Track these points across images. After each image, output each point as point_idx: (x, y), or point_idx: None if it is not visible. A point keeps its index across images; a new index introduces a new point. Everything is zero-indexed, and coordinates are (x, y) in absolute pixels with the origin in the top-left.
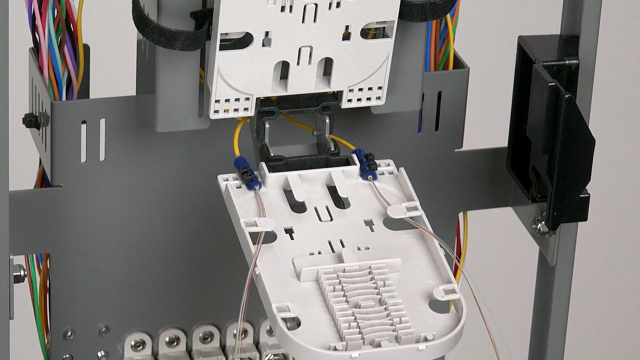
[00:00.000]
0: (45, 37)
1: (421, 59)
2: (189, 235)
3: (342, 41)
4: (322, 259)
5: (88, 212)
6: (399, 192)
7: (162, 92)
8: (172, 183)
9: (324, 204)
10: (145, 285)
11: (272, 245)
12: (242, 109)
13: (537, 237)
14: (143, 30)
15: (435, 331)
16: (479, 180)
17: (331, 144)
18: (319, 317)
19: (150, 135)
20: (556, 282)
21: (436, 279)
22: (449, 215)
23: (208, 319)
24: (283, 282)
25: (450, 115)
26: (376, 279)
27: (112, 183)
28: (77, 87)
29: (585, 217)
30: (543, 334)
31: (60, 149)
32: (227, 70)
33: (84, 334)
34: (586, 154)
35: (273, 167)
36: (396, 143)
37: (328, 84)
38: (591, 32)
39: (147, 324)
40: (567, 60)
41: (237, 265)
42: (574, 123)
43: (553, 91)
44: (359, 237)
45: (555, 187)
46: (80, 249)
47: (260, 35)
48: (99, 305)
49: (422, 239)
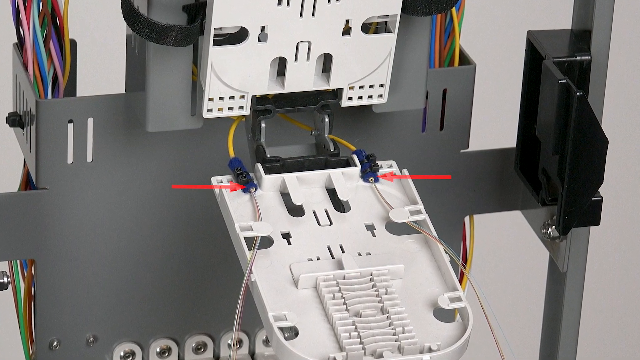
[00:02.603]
0: (30, 31)
1: (425, 55)
2: (181, 241)
3: (342, 36)
4: (321, 265)
5: (75, 215)
6: (402, 195)
7: (152, 89)
8: (163, 186)
9: (323, 208)
10: (135, 293)
11: (268, 251)
12: (237, 107)
13: (547, 242)
14: (133, 24)
15: (440, 341)
16: (486, 182)
17: (330, 145)
18: (318, 326)
19: (140, 135)
20: (567, 289)
21: (441, 286)
22: (454, 220)
23: (201, 329)
24: (280, 289)
25: (455, 114)
26: (378, 287)
27: (100, 185)
28: (64, 84)
29: (597, 221)
30: (553, 344)
31: (46, 150)
32: (221, 66)
33: (71, 344)
34: (599, 154)
35: (269, 168)
36: (399, 143)
37: (327, 82)
38: (604, 27)
39: (137, 334)
40: (579, 56)
41: (232, 271)
42: (585, 122)
43: (564, 89)
44: (359, 242)
45: (566, 190)
46: (67, 255)
47: (255, 29)
48: (87, 314)
49: (426, 244)
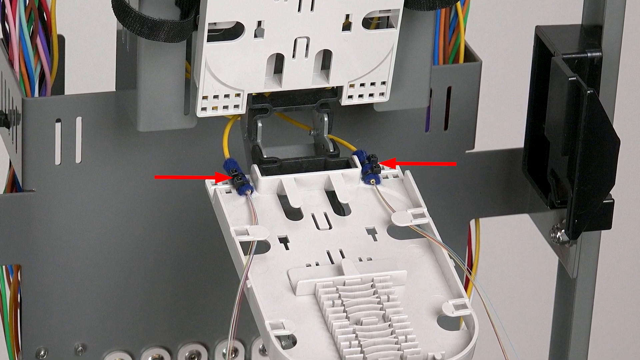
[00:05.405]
0: (16, 27)
1: (429, 51)
2: (173, 245)
3: (342, 32)
4: (320, 270)
5: (63, 219)
6: (405, 197)
7: (144, 87)
8: (155, 188)
9: (322, 211)
10: (126, 300)
11: (265, 256)
12: (232, 106)
13: (556, 246)
14: (123, 19)
15: (445, 350)
16: (492, 184)
17: (330, 145)
18: (317, 334)
19: (131, 135)
20: (577, 296)
21: (445, 293)
22: (459, 223)
23: (195, 337)
24: (277, 296)
25: (460, 113)
26: (379, 293)
27: (89, 187)
28: (51, 82)
29: (609, 225)
30: (563, 353)
31: (33, 150)
32: (216, 63)
33: (59, 353)
34: (610, 155)
35: (266, 169)
36: (401, 144)
37: (326, 79)
38: (615, 22)
39: (127, 343)
40: (589, 53)
41: (227, 277)
42: (596, 122)
43: (574, 86)
44: (360, 247)
45: (576, 192)
46: (55, 260)
47: (252, 25)
48: (75, 322)
49: (430, 249)
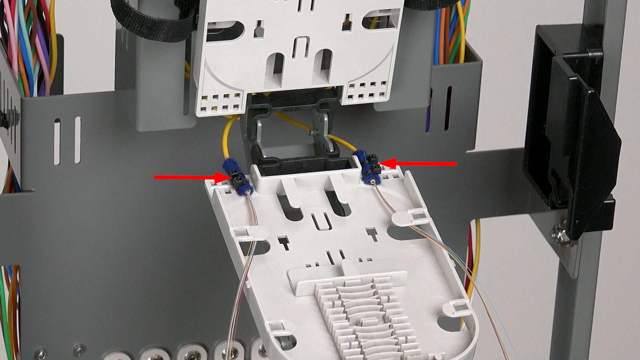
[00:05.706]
0: (15, 26)
1: (429, 51)
2: (173, 246)
3: (342, 31)
4: (320, 271)
5: (62, 219)
6: (405, 197)
7: (143, 87)
8: (154, 188)
9: (322, 211)
10: (125, 300)
11: (264, 257)
12: (231, 106)
13: (557, 247)
14: (122, 19)
15: (445, 351)
16: (493, 184)
17: (330, 145)
18: (317, 335)
19: (130, 135)
20: (578, 296)
21: (446, 294)
22: (459, 223)
23: (194, 338)
24: (277, 296)
25: (461, 113)
26: (379, 294)
27: (88, 188)
28: (50, 81)
29: (610, 226)
30: (564, 353)
31: (31, 150)
32: (216, 63)
33: (58, 354)
34: (611, 155)
35: (266, 170)
36: (402, 144)
37: (326, 79)
38: (617, 21)
39: (127, 343)
40: (590, 52)
41: (227, 278)
42: (597, 121)
43: (575, 86)
44: (360, 248)
45: (577, 192)
46: (53, 261)
47: (251, 24)
48: (74, 323)
49: (430, 250)
